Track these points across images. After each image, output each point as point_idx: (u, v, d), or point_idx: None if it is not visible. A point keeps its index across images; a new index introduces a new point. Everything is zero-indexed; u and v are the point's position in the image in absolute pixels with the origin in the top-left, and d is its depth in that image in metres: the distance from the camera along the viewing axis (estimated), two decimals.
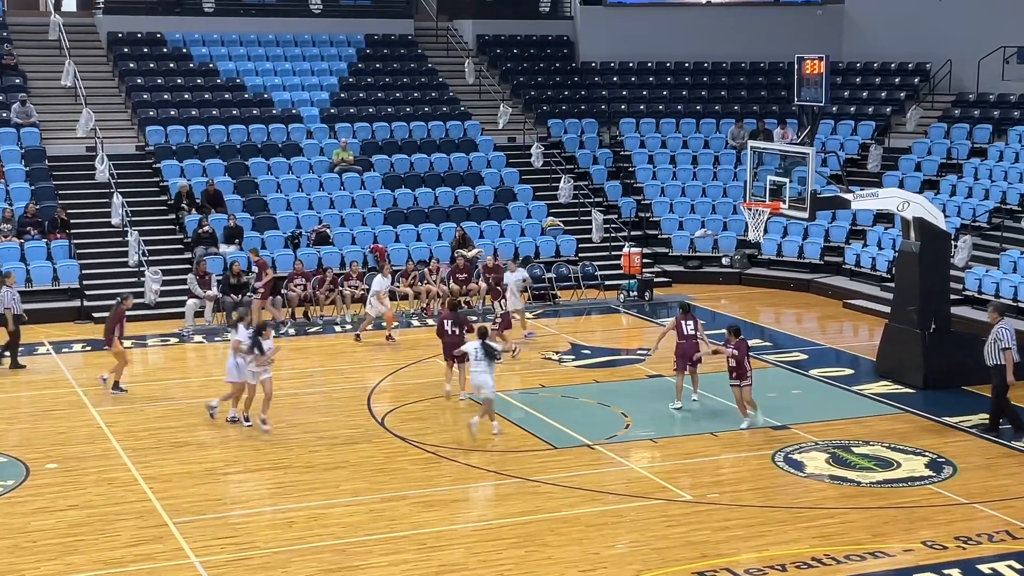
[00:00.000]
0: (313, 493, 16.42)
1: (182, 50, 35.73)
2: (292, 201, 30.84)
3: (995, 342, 18.65)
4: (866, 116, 35.46)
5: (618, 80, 38.24)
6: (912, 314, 21.85)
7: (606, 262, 30.83)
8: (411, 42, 38.17)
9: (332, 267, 28.19)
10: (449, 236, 30.39)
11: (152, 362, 23.69)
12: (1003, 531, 15.01)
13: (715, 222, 32.46)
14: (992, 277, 26.60)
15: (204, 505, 15.90)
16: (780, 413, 19.86)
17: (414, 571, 13.88)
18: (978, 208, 29.71)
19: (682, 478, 16.92)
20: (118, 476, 17.06)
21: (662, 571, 13.88)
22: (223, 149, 32.21)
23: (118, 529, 15.10)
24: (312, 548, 14.51)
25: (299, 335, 25.80)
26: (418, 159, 33.22)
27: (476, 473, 17.14)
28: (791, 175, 21.88)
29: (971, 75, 34.75)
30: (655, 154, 34.95)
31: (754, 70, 38.74)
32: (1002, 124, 32.93)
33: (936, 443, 18.47)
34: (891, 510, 15.76)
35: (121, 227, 29.20)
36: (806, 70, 22.30)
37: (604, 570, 13.96)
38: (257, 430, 18.94)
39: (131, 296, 22.83)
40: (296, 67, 36.04)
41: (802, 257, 31.35)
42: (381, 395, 21.16)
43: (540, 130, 35.67)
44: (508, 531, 15.02)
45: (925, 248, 21.77)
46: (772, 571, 13.83)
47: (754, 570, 13.86)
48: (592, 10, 39.19)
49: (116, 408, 20.48)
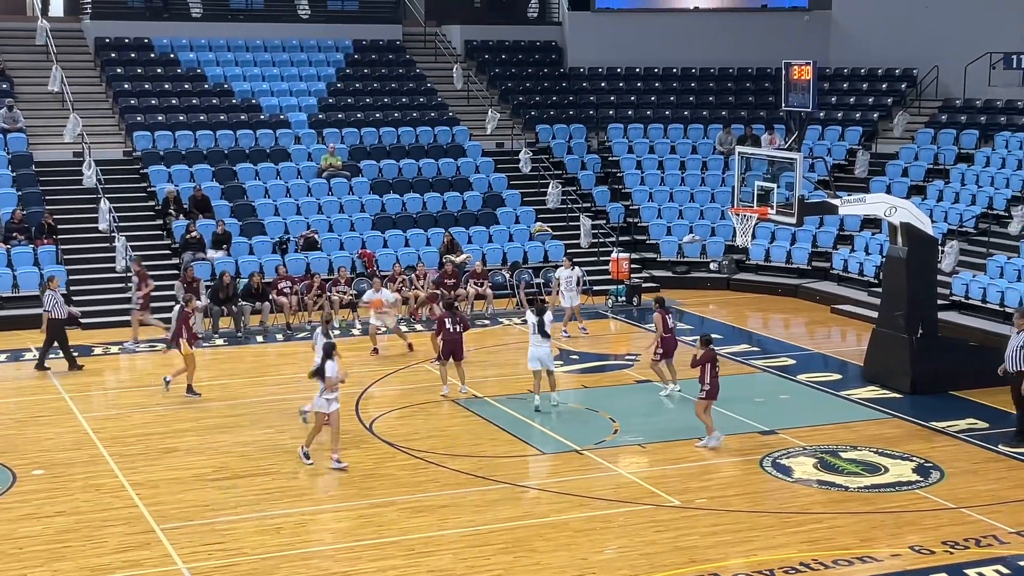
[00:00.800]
0: (301, 499, 16.39)
1: (170, 55, 35.68)
2: (280, 207, 30.80)
3: (1019, 349, 18.46)
4: (853, 122, 35.55)
5: (606, 85, 38.29)
6: (899, 319, 21.90)
7: (594, 267, 30.84)
8: (399, 47, 38.18)
9: (320, 272, 28.15)
10: (437, 241, 30.38)
11: (139, 367, 23.64)
12: (990, 536, 15.04)
13: (703, 227, 32.51)
14: (979, 282, 26.67)
15: (192, 511, 15.86)
16: (768, 418, 19.89)
17: None
18: (965, 213, 29.79)
19: (670, 483, 16.93)
20: (105, 482, 17.01)
21: None
22: (211, 154, 32.16)
23: (105, 536, 15.06)
24: (300, 554, 14.48)
25: (287, 340, 25.78)
26: (406, 164, 33.21)
27: (464, 479, 17.13)
28: (779, 180, 21.93)
29: (958, 81, 34.86)
30: (643, 159, 34.99)
31: (742, 76, 38.83)
32: (988, 130, 33.03)
33: (923, 448, 18.51)
34: (879, 515, 15.79)
35: (108, 233, 29.14)
36: (794, 76, 22.36)
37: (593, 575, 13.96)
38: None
39: (194, 298, 22.98)
40: (284, 72, 36.00)
41: (790, 262, 31.41)
42: (369, 401, 21.13)
43: (528, 135, 35.69)
44: (496, 537, 15.01)
45: (912, 253, 21.83)
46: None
47: (742, 575, 13.87)
48: (580, 16, 39.23)
49: (103, 414, 20.43)
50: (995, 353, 22.82)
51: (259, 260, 28.59)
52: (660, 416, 20.24)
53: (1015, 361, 18.52)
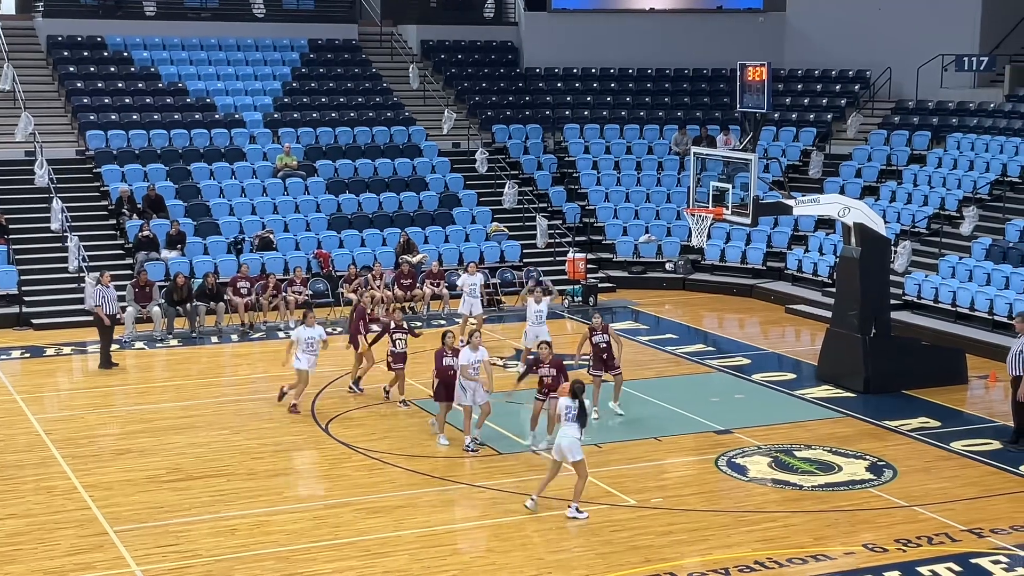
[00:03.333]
0: (256, 500, 16.30)
1: (123, 54, 35.40)
2: (235, 206, 30.63)
3: (1020, 354, 18.38)
4: (807, 123, 35.79)
5: (562, 86, 38.35)
6: (853, 319, 22.06)
7: (551, 267, 30.87)
8: (355, 47, 38.06)
9: (275, 273, 28.02)
10: (393, 242, 30.31)
11: (92, 368, 23.43)
12: (943, 533, 15.18)
13: (659, 228, 32.62)
14: (931, 282, 26.92)
15: (145, 513, 15.74)
16: (723, 417, 19.98)
17: None
18: (917, 214, 30.05)
19: (626, 483, 16.97)
20: (57, 484, 16.85)
21: None
22: (165, 154, 31.94)
23: (57, 538, 14.92)
24: (255, 556, 14.41)
25: (242, 341, 25.64)
26: (362, 164, 33.12)
27: (420, 479, 17.10)
28: (734, 181, 22.04)
29: (910, 83, 35.17)
30: (599, 160, 35.08)
31: (697, 76, 39.00)
32: (940, 131, 33.35)
33: (877, 447, 18.66)
34: (833, 513, 15.90)
35: (61, 232, 28.87)
36: (748, 77, 22.46)
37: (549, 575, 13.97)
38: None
39: (365, 292, 22.83)
40: (239, 72, 35.81)
41: (745, 262, 31.57)
42: (325, 401, 21.05)
43: (485, 135, 35.69)
44: (452, 537, 15.00)
45: (865, 253, 22.00)
46: (715, 575, 13.90)
47: (697, 574, 13.93)
48: (536, 16, 39.27)
49: (55, 416, 20.24)
50: (947, 352, 23.15)
51: (214, 260, 28.42)
52: (616, 416, 20.24)
53: (1015, 366, 18.52)
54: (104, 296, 23.24)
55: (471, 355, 18.05)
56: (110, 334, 23.35)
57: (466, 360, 18.00)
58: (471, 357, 18.02)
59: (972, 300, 25.72)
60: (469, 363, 17.97)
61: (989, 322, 25.23)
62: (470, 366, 17.96)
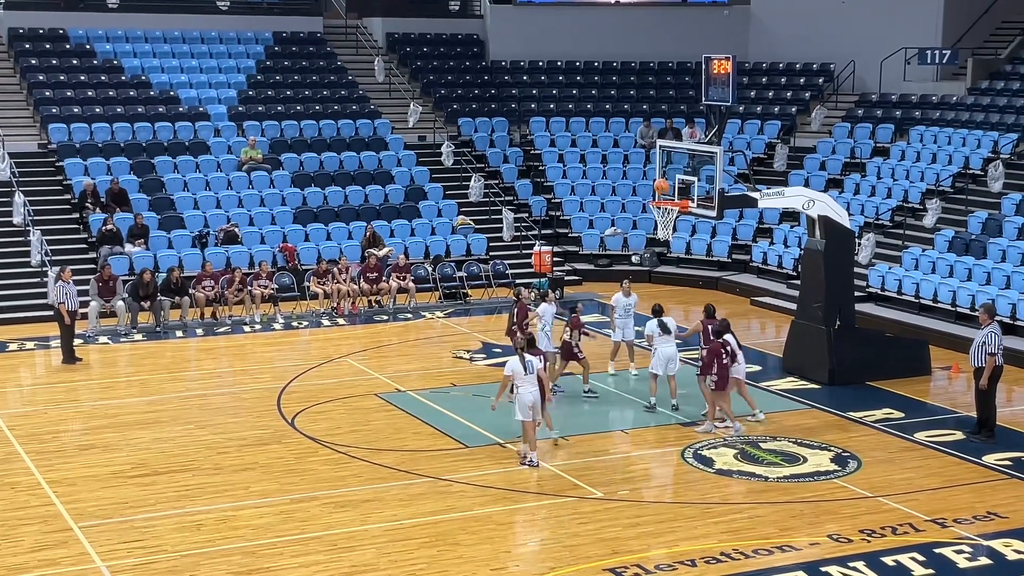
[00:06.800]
0: (222, 495, 16.23)
1: (85, 46, 35.13)
2: (199, 200, 30.46)
3: (982, 345, 18.36)
4: (772, 116, 35.94)
5: (528, 79, 38.33)
6: (818, 311, 22.17)
7: (517, 260, 30.87)
8: (320, 40, 37.92)
9: (241, 266, 27.88)
10: (359, 235, 30.23)
11: (55, 364, 23.25)
12: (907, 524, 15.28)
13: (625, 221, 32.66)
14: (895, 274, 27.10)
15: (110, 509, 15.65)
16: (689, 410, 20.04)
17: (325, 572, 13.78)
18: (881, 206, 30.24)
19: (593, 475, 16.99)
20: (20, 480, 16.72)
21: (573, 568, 13.93)
22: (128, 147, 31.72)
23: (21, 534, 14.80)
24: (221, 551, 14.34)
25: (207, 335, 25.52)
26: (328, 157, 33.00)
27: (387, 473, 17.07)
28: (699, 174, 22.08)
29: (874, 76, 35.39)
30: (565, 153, 35.10)
31: (662, 69, 39.07)
32: (904, 124, 33.57)
33: (841, 438, 18.76)
34: (798, 504, 15.98)
35: (23, 226, 28.64)
36: (713, 70, 22.50)
37: (516, 568, 13.98)
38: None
39: (523, 288, 22.93)
40: (203, 64, 35.60)
41: (710, 255, 31.67)
42: (291, 395, 20.98)
43: (450, 129, 35.64)
44: (419, 531, 14.98)
45: (830, 246, 22.10)
46: (682, 566, 13.95)
47: (664, 566, 13.97)
48: (502, 9, 39.25)
49: (18, 411, 20.08)
50: (910, 344, 23.31)
51: (178, 254, 28.27)
52: (582, 409, 20.28)
53: (977, 357, 18.54)
54: (66, 292, 23.07)
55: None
56: (71, 329, 23.18)
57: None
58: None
59: (935, 292, 25.89)
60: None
61: (952, 314, 25.41)
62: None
